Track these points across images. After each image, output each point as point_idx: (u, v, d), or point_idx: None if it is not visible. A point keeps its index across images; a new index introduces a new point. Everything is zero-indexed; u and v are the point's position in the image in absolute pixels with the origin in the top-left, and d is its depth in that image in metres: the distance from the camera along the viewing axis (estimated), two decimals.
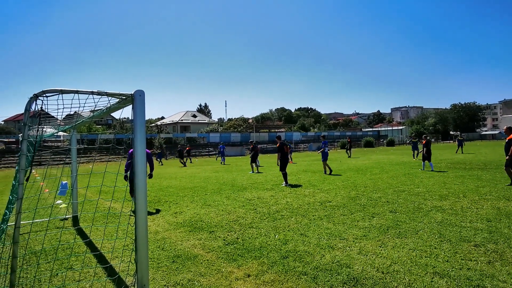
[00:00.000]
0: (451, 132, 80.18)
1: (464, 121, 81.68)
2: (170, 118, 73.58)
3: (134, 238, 3.58)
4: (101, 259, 4.68)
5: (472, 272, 3.77)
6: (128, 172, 7.60)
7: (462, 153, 26.58)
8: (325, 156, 15.00)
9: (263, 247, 4.93)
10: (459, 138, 29.93)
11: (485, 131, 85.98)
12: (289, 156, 15.15)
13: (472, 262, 4.06)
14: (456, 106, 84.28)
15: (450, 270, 3.83)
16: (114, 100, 3.89)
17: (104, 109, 4.45)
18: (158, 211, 7.85)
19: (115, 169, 20.41)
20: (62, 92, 3.27)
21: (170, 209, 8.08)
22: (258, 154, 17.92)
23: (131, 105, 3.69)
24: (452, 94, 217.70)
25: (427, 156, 14.27)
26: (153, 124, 67.90)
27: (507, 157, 9.30)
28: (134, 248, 3.58)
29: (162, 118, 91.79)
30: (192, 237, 5.60)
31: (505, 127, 9.98)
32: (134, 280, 3.63)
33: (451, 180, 11.02)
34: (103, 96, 3.57)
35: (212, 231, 5.88)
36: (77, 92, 3.34)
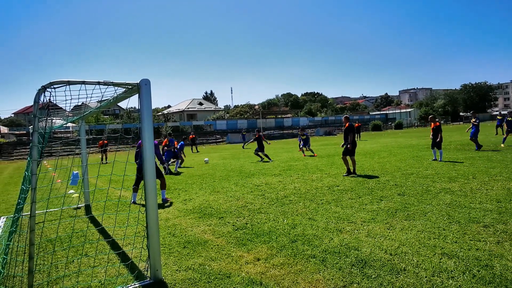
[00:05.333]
0: (461, 114, 78.78)
1: (475, 102, 79.94)
2: (177, 107, 73.63)
3: (145, 225, 3.67)
4: (114, 245, 4.81)
5: (480, 252, 3.79)
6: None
7: (498, 134, 21.92)
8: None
9: (272, 231, 5.00)
10: (499, 117, 23.16)
11: (496, 111, 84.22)
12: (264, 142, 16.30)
13: (481, 242, 4.07)
14: (466, 87, 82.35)
15: (459, 251, 3.85)
16: (120, 90, 3.92)
17: (111, 99, 4.48)
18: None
19: (124, 158, 20.66)
20: (69, 83, 3.30)
21: (180, 196, 8.20)
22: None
23: (137, 94, 3.72)
24: (462, 74, 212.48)
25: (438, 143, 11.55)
26: (160, 113, 68.15)
27: (347, 146, 9.62)
28: (145, 234, 3.67)
29: (169, 106, 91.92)
30: (202, 223, 5.70)
31: (343, 117, 10.20)
32: (147, 265, 3.74)
33: (461, 161, 10.91)
34: (109, 86, 3.60)
35: (222, 217, 5.97)
36: (83, 82, 3.37)
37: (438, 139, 11.53)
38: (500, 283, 3.10)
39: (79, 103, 4.95)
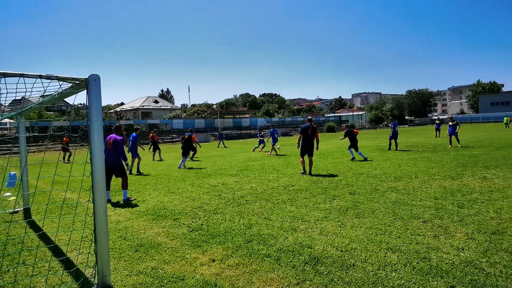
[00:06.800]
0: (406, 117, 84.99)
1: (418, 107, 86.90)
2: (130, 104, 70.57)
3: (93, 228, 3.46)
4: (57, 252, 4.46)
5: (420, 246, 4.11)
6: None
7: (439, 136, 24.83)
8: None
9: (227, 232, 4.98)
10: (437, 121, 26.71)
11: (436, 115, 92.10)
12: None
13: (420, 237, 4.41)
14: (411, 92, 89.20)
15: (401, 245, 4.14)
16: (66, 85, 3.65)
17: (55, 95, 4.16)
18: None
19: (70, 158, 19.31)
20: (5, 75, 3.00)
21: (132, 197, 7.84)
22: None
23: (86, 90, 3.49)
24: (407, 80, 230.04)
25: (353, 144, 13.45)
26: (112, 110, 64.75)
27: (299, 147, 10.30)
28: (93, 239, 3.45)
29: (122, 104, 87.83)
30: (156, 225, 5.51)
31: (307, 118, 10.74)
32: (94, 271, 3.52)
33: (405, 162, 11.77)
34: (53, 81, 3.33)
35: (176, 219, 5.82)
36: (22, 75, 3.08)
37: (351, 143, 13.48)
38: (437, 273, 3.38)
39: (19, 98, 4.53)
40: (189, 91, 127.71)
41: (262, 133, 21.25)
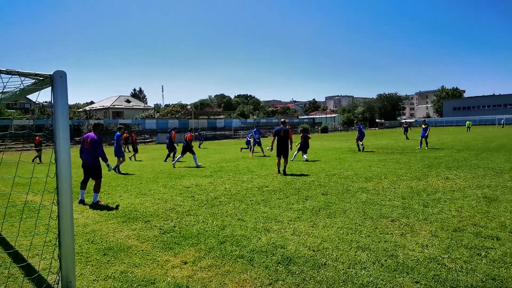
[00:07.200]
0: (377, 120, 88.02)
1: (388, 110, 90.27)
2: (101, 103, 68.11)
3: (57, 232, 3.29)
4: (17, 258, 4.20)
5: (388, 244, 4.25)
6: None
7: (408, 139, 26.05)
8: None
9: (200, 233, 4.92)
10: (405, 125, 27.74)
11: (404, 119, 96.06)
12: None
13: (388, 235, 4.57)
14: (381, 96, 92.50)
15: (371, 244, 4.27)
16: (28, 81, 3.45)
17: (16, 91, 3.93)
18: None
19: (40, 158, 18.30)
20: None
21: (101, 200, 7.55)
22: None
23: (51, 88, 3.32)
24: (378, 84, 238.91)
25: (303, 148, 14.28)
26: (81, 109, 62.22)
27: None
28: (57, 243, 3.29)
29: (92, 103, 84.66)
30: (126, 227, 5.34)
31: (281, 121, 11.19)
32: (57, 277, 3.35)
33: (375, 163, 12.17)
34: (14, 76, 3.14)
35: (148, 221, 5.67)
36: None
37: (302, 146, 14.26)
38: (403, 270, 3.52)
39: None
40: (162, 91, 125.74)
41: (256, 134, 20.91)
